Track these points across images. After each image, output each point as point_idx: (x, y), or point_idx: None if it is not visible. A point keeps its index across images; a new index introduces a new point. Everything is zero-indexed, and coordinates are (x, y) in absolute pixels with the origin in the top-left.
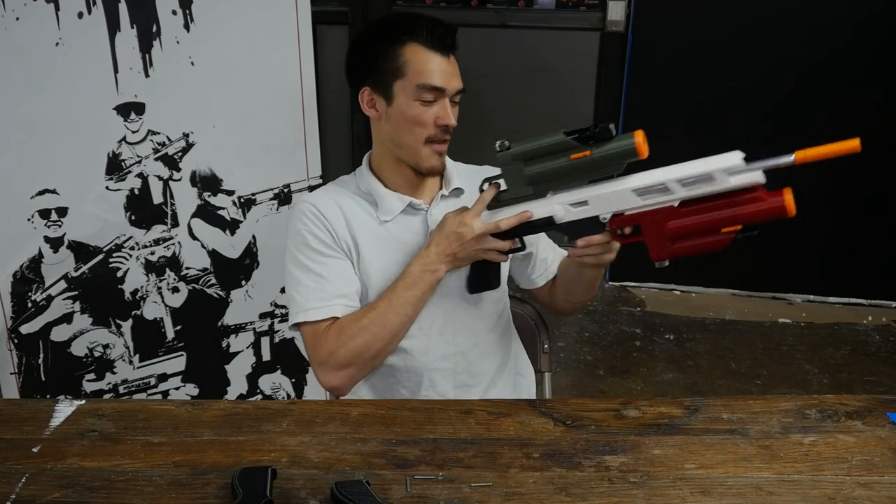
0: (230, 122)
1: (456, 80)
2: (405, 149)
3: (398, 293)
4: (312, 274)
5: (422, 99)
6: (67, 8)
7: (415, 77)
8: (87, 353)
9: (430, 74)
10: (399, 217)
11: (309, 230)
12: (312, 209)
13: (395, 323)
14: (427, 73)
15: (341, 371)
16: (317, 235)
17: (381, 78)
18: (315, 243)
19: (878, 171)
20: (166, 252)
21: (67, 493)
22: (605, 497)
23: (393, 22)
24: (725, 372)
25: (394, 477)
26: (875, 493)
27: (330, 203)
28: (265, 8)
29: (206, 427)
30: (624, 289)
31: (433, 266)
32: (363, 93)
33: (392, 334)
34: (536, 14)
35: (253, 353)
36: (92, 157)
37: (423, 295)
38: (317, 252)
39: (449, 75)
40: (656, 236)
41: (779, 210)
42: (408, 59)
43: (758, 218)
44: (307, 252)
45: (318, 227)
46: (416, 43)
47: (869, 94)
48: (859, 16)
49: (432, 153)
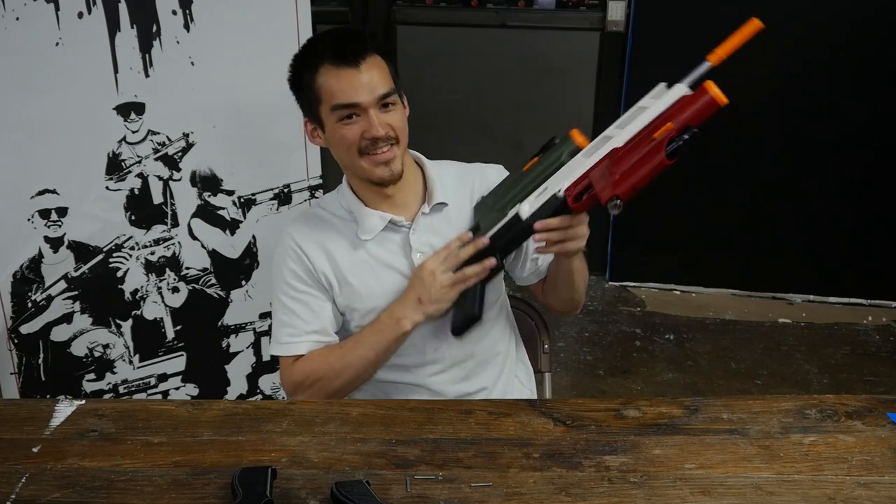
0: (230, 122)
1: (377, 87)
2: (350, 168)
3: (364, 336)
4: (286, 309)
5: (341, 118)
6: (67, 8)
7: (329, 99)
8: (87, 353)
9: (342, 93)
10: (380, 235)
11: (286, 265)
12: (292, 244)
13: (356, 365)
14: (339, 93)
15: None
16: (293, 270)
17: (309, 107)
18: (290, 278)
19: (878, 170)
20: (166, 252)
21: (67, 493)
22: (605, 497)
23: (305, 47)
24: (725, 372)
25: (394, 477)
26: (875, 493)
27: (308, 235)
28: (265, 8)
29: (206, 427)
30: (624, 289)
31: (398, 314)
32: (305, 124)
33: (355, 375)
34: (536, 14)
35: (253, 353)
36: (92, 157)
37: (388, 343)
38: (291, 287)
39: (361, 87)
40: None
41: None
42: (321, 83)
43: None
44: (282, 287)
45: (294, 262)
46: (325, 64)
47: (869, 94)
48: (860, 16)
49: (373, 164)
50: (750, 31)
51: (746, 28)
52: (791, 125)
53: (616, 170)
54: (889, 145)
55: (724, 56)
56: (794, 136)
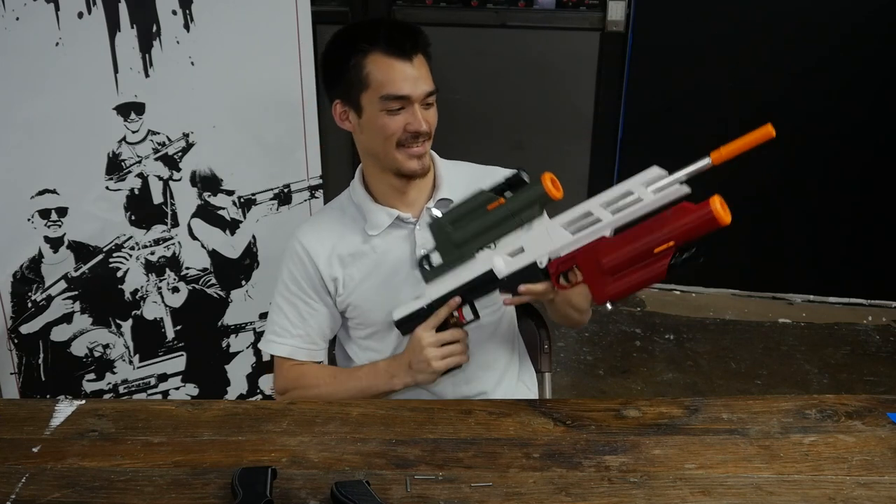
0: (230, 122)
1: (423, 84)
2: (381, 157)
3: (359, 374)
4: (277, 307)
5: (388, 109)
6: (67, 8)
7: (378, 88)
8: (87, 353)
9: (393, 84)
10: (387, 231)
11: (287, 265)
12: (298, 247)
13: (342, 395)
14: (389, 83)
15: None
16: (291, 273)
17: (349, 91)
18: (288, 279)
19: (878, 170)
20: (166, 252)
21: (67, 493)
22: (605, 497)
23: (354, 31)
24: (725, 372)
25: (394, 477)
26: (875, 493)
27: (318, 236)
28: (265, 8)
29: (206, 427)
30: None
31: (394, 370)
32: (335, 106)
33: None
34: (536, 14)
35: (253, 353)
36: (92, 157)
37: (378, 391)
38: (286, 288)
39: (413, 81)
40: (595, 275)
41: (707, 219)
42: (370, 71)
43: (688, 232)
44: (279, 285)
45: (294, 266)
46: (377, 52)
47: (869, 94)
48: (859, 16)
49: (408, 157)
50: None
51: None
52: (791, 125)
53: (607, 267)
54: (889, 145)
55: (727, 157)
56: (794, 136)
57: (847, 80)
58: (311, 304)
